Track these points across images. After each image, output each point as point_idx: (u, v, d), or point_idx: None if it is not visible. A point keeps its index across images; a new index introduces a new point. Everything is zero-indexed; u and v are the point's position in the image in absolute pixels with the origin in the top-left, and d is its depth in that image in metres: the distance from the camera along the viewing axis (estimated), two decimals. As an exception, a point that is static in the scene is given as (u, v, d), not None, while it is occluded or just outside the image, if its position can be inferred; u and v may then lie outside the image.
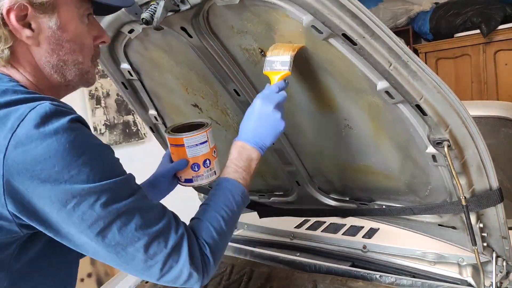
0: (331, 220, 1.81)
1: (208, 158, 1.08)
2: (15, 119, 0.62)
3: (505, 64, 3.78)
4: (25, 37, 0.72)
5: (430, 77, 0.89)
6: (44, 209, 0.64)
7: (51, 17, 0.73)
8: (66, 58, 0.77)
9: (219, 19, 1.07)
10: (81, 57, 0.79)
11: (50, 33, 0.74)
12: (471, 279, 1.29)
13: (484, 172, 1.02)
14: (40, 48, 0.74)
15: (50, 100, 0.66)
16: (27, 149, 0.61)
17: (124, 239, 0.68)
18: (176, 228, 0.75)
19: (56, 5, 0.73)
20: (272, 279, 1.43)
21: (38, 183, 0.62)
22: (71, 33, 0.76)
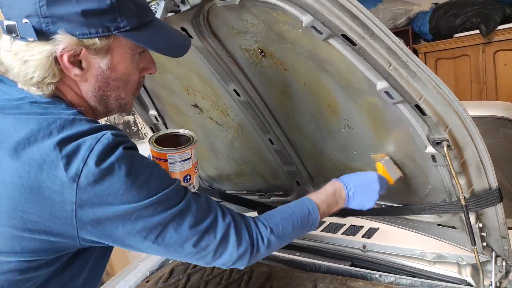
0: (331, 220, 1.81)
1: (189, 174, 1.07)
2: (85, 150, 0.68)
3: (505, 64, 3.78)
4: (74, 75, 0.75)
5: (430, 77, 0.90)
6: (111, 226, 0.72)
7: (103, 58, 0.75)
8: (109, 94, 0.81)
9: (219, 20, 1.07)
10: (123, 93, 0.83)
11: (100, 72, 0.76)
12: (470, 279, 1.29)
13: (483, 172, 1.03)
14: (87, 83, 0.77)
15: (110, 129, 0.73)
16: (96, 178, 0.68)
17: (180, 237, 0.77)
18: (223, 218, 0.83)
19: (110, 48, 0.74)
20: (272, 279, 1.43)
21: (105, 206, 0.70)
22: (120, 73, 0.79)
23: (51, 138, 0.68)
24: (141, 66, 0.84)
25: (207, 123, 1.51)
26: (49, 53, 0.70)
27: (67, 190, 0.67)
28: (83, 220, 0.70)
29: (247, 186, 1.71)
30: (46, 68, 0.71)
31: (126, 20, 0.73)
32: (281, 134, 1.37)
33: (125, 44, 0.76)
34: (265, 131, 1.38)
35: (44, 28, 0.68)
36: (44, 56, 0.70)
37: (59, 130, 0.69)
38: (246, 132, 1.45)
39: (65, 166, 0.67)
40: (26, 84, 0.73)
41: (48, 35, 0.69)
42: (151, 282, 1.51)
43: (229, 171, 1.69)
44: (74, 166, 0.67)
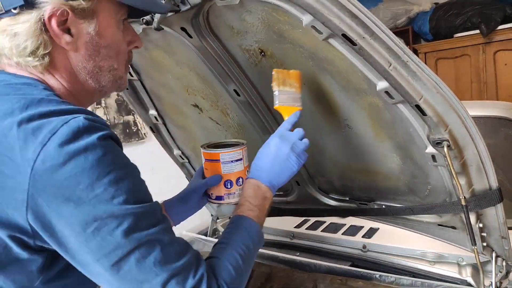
0: (331, 220, 1.81)
1: (241, 176, 1.07)
2: (47, 132, 0.60)
3: (505, 64, 3.78)
4: (65, 43, 0.71)
5: (430, 77, 0.89)
6: (64, 231, 0.61)
7: (91, 23, 0.73)
8: (102, 64, 0.77)
9: (219, 20, 1.07)
10: (116, 63, 0.79)
11: (89, 38, 0.74)
12: (470, 279, 1.29)
13: (483, 172, 1.03)
14: (78, 53, 0.74)
15: (85, 114, 0.64)
16: (55, 164, 0.58)
17: (141, 273, 0.62)
18: (197, 268, 0.69)
19: (95, 11, 0.73)
20: (272, 279, 1.43)
21: (61, 201, 0.59)
22: (108, 39, 0.76)
23: (12, 118, 0.61)
24: (127, 39, 0.82)
25: (207, 123, 1.51)
26: (37, 18, 0.68)
27: (20, 176, 0.58)
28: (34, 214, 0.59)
29: (247, 186, 1.71)
30: (36, 36, 0.68)
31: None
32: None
33: (107, 8, 0.75)
34: (265, 131, 1.38)
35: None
36: (32, 23, 0.68)
37: (21, 110, 0.62)
38: (246, 132, 1.44)
39: (21, 148, 0.59)
40: (22, 55, 0.70)
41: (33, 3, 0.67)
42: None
43: (229, 171, 1.68)
44: (31, 148, 0.58)
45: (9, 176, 0.59)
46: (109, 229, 0.61)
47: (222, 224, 2.00)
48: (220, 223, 1.98)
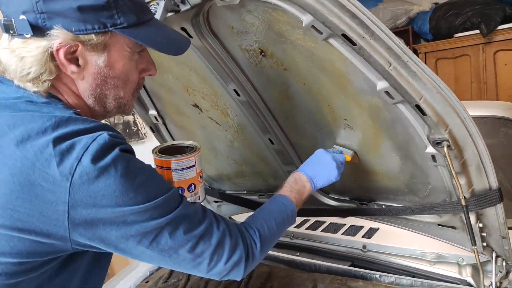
0: (331, 220, 1.81)
1: (193, 182, 1.06)
2: (80, 149, 0.66)
3: (505, 64, 3.78)
4: (70, 72, 0.74)
5: (430, 77, 0.89)
6: (105, 229, 0.70)
7: (101, 55, 0.74)
8: (108, 93, 0.79)
9: (219, 19, 1.07)
10: (122, 92, 0.81)
11: (97, 69, 0.75)
12: (470, 279, 1.29)
13: (483, 172, 1.03)
14: (84, 81, 0.76)
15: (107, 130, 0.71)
16: (91, 178, 0.66)
17: (175, 243, 0.75)
18: (218, 225, 0.82)
19: (108, 45, 0.73)
20: (272, 279, 1.43)
21: (100, 207, 0.68)
22: (118, 71, 0.77)
23: (45, 136, 0.66)
24: (140, 67, 0.83)
25: (207, 123, 1.51)
26: (45, 48, 0.70)
27: (59, 189, 0.65)
28: (75, 222, 0.67)
29: (247, 186, 1.71)
30: (42, 64, 0.71)
31: (123, 17, 0.72)
32: (281, 134, 1.37)
33: (122, 42, 0.75)
34: (265, 131, 1.38)
35: (40, 23, 0.68)
36: (40, 52, 0.70)
37: (53, 128, 0.67)
38: (246, 132, 1.45)
39: (58, 164, 0.65)
40: (22, 80, 0.72)
41: (44, 30, 0.68)
42: (151, 282, 1.51)
43: (229, 171, 1.69)
44: (67, 164, 0.65)
45: (48, 190, 0.65)
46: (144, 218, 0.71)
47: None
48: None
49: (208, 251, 0.79)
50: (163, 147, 1.11)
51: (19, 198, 0.65)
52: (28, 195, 0.65)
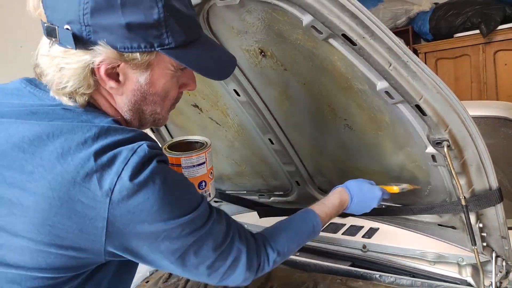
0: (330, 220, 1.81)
1: (204, 179, 1.03)
2: (120, 163, 0.65)
3: (505, 64, 3.78)
4: (109, 87, 0.72)
5: (430, 77, 0.90)
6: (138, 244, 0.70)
7: (143, 74, 0.72)
8: (145, 108, 0.77)
9: (219, 20, 1.07)
10: (159, 108, 0.79)
11: (137, 86, 0.73)
12: (470, 279, 1.29)
13: (483, 172, 1.03)
14: (123, 97, 0.74)
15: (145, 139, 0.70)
16: (130, 193, 0.65)
17: (198, 260, 0.76)
18: (240, 242, 0.82)
19: (151, 64, 0.71)
20: (272, 279, 1.43)
21: (137, 223, 0.67)
22: (158, 88, 0.75)
23: (86, 149, 0.65)
24: (181, 82, 0.81)
25: (207, 123, 1.51)
26: (87, 63, 0.67)
27: (99, 205, 0.64)
28: (111, 237, 0.67)
29: (247, 186, 1.71)
30: (81, 79, 0.68)
31: (172, 37, 0.69)
32: (281, 134, 1.37)
33: (167, 61, 0.73)
34: (265, 131, 1.38)
35: (84, 36, 0.65)
36: (81, 66, 0.67)
37: (93, 140, 0.66)
38: (246, 132, 1.45)
39: (99, 180, 0.64)
40: (58, 93, 0.70)
41: (88, 44, 0.66)
42: (151, 282, 1.51)
43: (229, 171, 1.69)
44: (108, 179, 0.64)
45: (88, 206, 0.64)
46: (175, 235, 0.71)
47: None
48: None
49: (224, 266, 0.80)
50: (172, 142, 1.07)
51: (58, 214, 0.64)
52: (67, 211, 0.64)
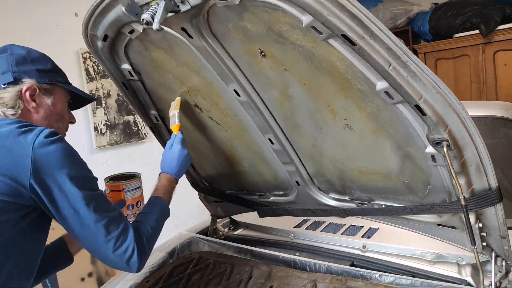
0: (330, 220, 1.81)
1: (139, 200, 1.40)
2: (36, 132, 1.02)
3: (504, 64, 3.79)
4: (31, 107, 1.14)
5: (430, 78, 0.90)
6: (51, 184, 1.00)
7: (49, 98, 1.17)
8: (52, 123, 1.17)
9: (219, 20, 1.07)
10: (61, 124, 1.22)
11: (47, 107, 1.16)
12: (470, 279, 1.29)
13: (483, 172, 1.03)
14: (38, 115, 1.15)
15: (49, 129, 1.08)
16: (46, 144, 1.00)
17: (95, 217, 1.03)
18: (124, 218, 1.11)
19: (52, 92, 1.17)
20: (272, 278, 1.43)
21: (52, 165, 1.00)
22: (58, 109, 1.19)
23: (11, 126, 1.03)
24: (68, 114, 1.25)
25: (207, 123, 1.51)
26: (18, 91, 1.10)
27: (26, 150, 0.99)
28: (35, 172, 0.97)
29: (247, 186, 1.72)
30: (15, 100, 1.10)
31: (60, 77, 1.20)
32: (281, 134, 1.38)
33: (61, 91, 1.20)
34: (265, 131, 1.38)
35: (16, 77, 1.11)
36: (14, 93, 1.10)
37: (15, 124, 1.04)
38: (246, 132, 1.45)
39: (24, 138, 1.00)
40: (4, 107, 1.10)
41: (17, 81, 1.11)
42: (151, 282, 1.51)
43: (229, 171, 1.69)
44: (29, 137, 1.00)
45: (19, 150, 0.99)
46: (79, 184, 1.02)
47: (222, 224, 2.00)
48: (220, 223, 1.99)
49: (117, 232, 1.04)
50: (112, 176, 1.43)
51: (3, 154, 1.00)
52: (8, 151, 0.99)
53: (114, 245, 1.04)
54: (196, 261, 1.61)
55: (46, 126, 1.11)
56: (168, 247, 1.76)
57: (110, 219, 1.05)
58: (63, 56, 2.28)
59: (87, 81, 2.96)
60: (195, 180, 1.84)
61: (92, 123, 2.99)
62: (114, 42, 1.27)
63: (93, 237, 1.04)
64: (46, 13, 2.76)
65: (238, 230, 1.98)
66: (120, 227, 1.06)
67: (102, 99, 3.05)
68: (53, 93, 1.17)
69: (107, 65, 1.39)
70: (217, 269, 1.54)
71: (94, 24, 1.20)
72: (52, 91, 1.17)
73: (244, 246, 1.71)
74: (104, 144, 3.04)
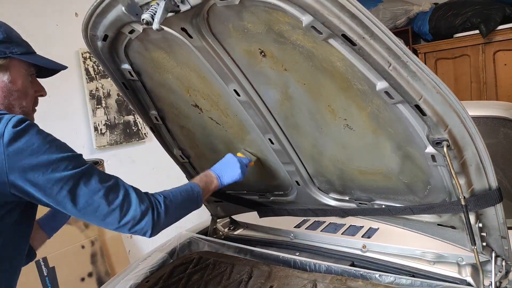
0: (330, 220, 1.81)
1: None
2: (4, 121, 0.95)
3: (504, 64, 3.79)
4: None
5: (430, 78, 0.90)
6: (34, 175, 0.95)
7: (5, 74, 1.06)
8: (14, 103, 1.08)
9: (219, 20, 1.07)
10: (24, 102, 1.11)
11: (4, 84, 1.06)
12: (470, 279, 1.29)
13: (483, 172, 1.03)
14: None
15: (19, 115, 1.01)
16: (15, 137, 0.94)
17: (90, 189, 0.99)
18: (123, 183, 1.07)
19: (8, 66, 1.06)
20: (272, 279, 1.43)
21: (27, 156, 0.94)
22: (18, 86, 1.08)
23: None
24: (34, 89, 1.14)
25: (207, 123, 1.51)
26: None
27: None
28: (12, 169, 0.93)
29: (247, 186, 1.72)
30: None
31: (16, 48, 1.07)
32: (281, 134, 1.38)
33: (19, 64, 1.08)
34: (265, 131, 1.38)
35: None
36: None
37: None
38: (246, 132, 1.45)
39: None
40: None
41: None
42: (151, 282, 1.51)
43: (229, 171, 1.69)
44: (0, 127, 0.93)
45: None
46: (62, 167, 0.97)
47: (222, 224, 2.01)
48: (220, 223, 1.99)
49: (118, 200, 1.02)
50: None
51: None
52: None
53: (120, 214, 1.01)
54: (196, 261, 1.61)
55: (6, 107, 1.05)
56: (168, 247, 1.76)
57: (107, 189, 1.01)
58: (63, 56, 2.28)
59: (87, 81, 2.96)
60: (195, 180, 1.84)
61: (92, 123, 2.99)
62: (114, 42, 1.27)
63: (96, 212, 1.00)
64: (46, 13, 2.76)
65: (238, 230, 1.99)
66: (120, 194, 1.02)
67: (102, 99, 3.05)
68: (8, 68, 1.05)
69: (107, 65, 1.38)
70: (217, 269, 1.54)
71: (94, 24, 1.20)
72: (8, 66, 1.05)
73: (244, 246, 1.71)
74: (104, 144, 3.04)
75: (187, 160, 1.72)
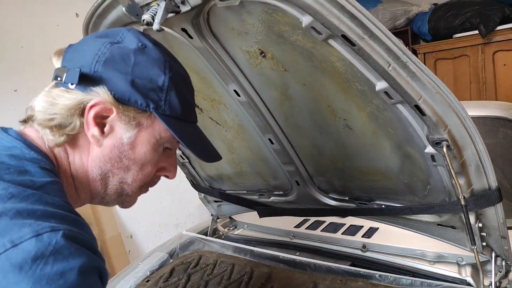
0: (330, 220, 1.82)
1: None
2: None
3: (504, 65, 3.79)
4: (91, 135, 0.69)
5: (429, 78, 0.90)
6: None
7: (128, 131, 0.70)
8: (116, 172, 0.73)
9: (220, 20, 1.07)
10: (130, 179, 0.74)
11: (119, 143, 0.71)
12: (470, 279, 1.29)
13: (483, 172, 1.03)
14: (100, 150, 0.70)
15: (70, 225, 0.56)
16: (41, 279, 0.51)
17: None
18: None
19: (140, 124, 0.70)
20: (273, 279, 1.44)
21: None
22: (137, 155, 0.72)
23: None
24: (160, 164, 0.78)
25: (207, 123, 1.51)
26: (80, 102, 0.67)
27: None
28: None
29: (247, 186, 1.72)
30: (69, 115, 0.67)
31: (168, 106, 0.71)
32: (281, 134, 1.38)
33: (156, 128, 0.72)
34: (265, 131, 1.38)
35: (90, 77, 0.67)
36: (74, 103, 0.66)
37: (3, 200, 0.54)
38: (246, 132, 1.45)
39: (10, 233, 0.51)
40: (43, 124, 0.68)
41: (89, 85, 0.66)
42: (151, 282, 1.52)
43: (229, 171, 1.69)
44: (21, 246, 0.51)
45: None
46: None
47: (222, 224, 2.01)
48: (220, 223, 1.99)
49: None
50: None
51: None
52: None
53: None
54: (196, 261, 1.61)
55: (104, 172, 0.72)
56: (168, 247, 1.76)
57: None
58: (63, 57, 2.28)
59: (87, 81, 2.96)
60: (195, 180, 1.84)
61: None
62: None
63: None
64: (47, 13, 2.77)
65: (238, 230, 1.99)
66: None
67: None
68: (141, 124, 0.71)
69: (107, 66, 1.38)
70: (217, 269, 1.54)
71: (94, 24, 1.20)
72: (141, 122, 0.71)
73: (244, 246, 1.71)
74: (104, 145, 3.03)
75: (187, 160, 1.72)
